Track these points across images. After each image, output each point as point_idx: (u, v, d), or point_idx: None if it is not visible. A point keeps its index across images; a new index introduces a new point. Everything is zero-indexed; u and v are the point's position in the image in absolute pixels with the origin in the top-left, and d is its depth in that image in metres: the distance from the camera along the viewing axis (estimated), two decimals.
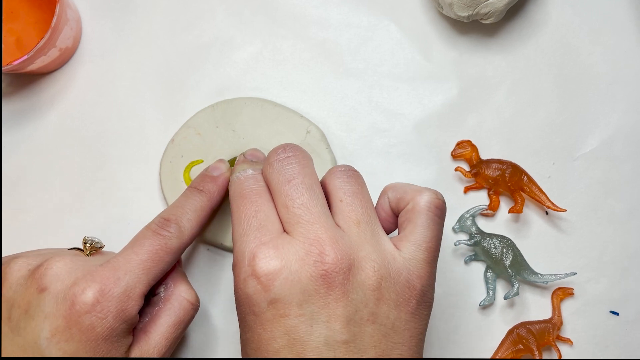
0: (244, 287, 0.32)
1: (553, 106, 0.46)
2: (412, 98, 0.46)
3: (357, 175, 0.35)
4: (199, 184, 0.40)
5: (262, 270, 0.31)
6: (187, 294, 0.38)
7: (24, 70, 0.43)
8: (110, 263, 0.35)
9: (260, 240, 0.32)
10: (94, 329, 0.33)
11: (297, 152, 0.35)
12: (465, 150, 0.45)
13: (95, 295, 0.33)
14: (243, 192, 0.35)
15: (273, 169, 0.34)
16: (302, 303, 0.31)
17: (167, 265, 0.37)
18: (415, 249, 0.33)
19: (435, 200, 0.35)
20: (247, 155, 0.40)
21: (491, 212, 0.45)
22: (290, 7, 0.47)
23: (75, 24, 0.45)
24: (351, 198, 0.34)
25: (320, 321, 0.31)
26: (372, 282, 0.31)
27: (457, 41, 0.47)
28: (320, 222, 0.32)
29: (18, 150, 0.46)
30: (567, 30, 0.47)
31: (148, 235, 0.37)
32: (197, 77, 0.47)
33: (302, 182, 0.33)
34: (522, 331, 0.43)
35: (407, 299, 0.32)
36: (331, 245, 0.31)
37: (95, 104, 0.46)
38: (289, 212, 0.33)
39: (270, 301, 0.31)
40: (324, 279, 0.31)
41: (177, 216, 0.38)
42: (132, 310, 0.35)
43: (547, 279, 0.43)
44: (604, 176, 0.45)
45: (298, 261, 0.31)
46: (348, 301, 0.31)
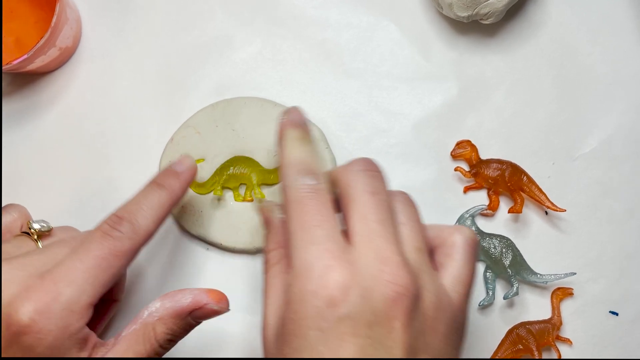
0: (312, 300, 0.30)
1: (552, 106, 0.46)
2: (411, 98, 0.46)
3: (414, 202, 0.35)
4: (160, 178, 0.38)
5: (334, 283, 0.29)
6: None
7: (23, 69, 0.43)
8: (52, 274, 0.32)
9: (331, 253, 0.30)
10: (34, 350, 0.31)
11: (379, 169, 0.34)
12: (464, 150, 0.45)
13: (31, 316, 0.31)
14: (303, 201, 0.32)
15: (359, 176, 0.33)
16: (371, 324, 0.29)
17: (118, 270, 0.34)
18: (456, 283, 0.33)
19: (472, 236, 0.35)
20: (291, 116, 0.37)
21: (491, 212, 0.45)
22: (290, 7, 0.47)
23: (75, 24, 0.46)
24: (413, 223, 0.33)
25: (385, 346, 0.29)
26: (430, 313, 0.31)
27: (457, 41, 0.47)
28: (395, 243, 0.31)
29: (18, 150, 0.46)
30: (567, 30, 0.47)
31: (96, 238, 0.34)
32: (197, 76, 0.47)
33: (386, 200, 0.32)
34: (522, 331, 0.43)
35: (452, 332, 0.32)
36: (404, 267, 0.30)
37: (95, 103, 0.46)
38: (366, 224, 0.31)
39: (340, 318, 0.29)
40: (394, 301, 0.30)
41: (131, 213, 0.35)
42: (77, 325, 0.32)
43: (547, 279, 0.43)
44: (603, 176, 0.45)
45: (371, 278, 0.30)
46: (411, 329, 0.30)
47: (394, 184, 0.45)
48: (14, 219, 0.38)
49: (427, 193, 0.45)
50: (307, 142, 0.36)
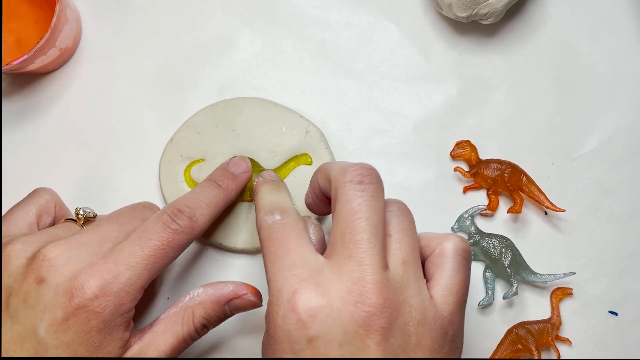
0: (283, 324, 0.31)
1: (552, 106, 0.46)
2: (411, 98, 0.46)
3: (409, 212, 0.35)
4: (218, 178, 0.40)
5: (303, 306, 0.31)
6: None
7: (23, 70, 0.44)
8: (113, 255, 0.35)
9: (299, 277, 0.32)
10: (90, 322, 0.33)
11: (374, 180, 0.33)
12: (464, 150, 0.45)
13: (94, 291, 0.33)
14: (272, 235, 0.34)
15: (343, 192, 0.33)
16: (342, 343, 0.30)
17: (171, 260, 0.36)
18: (446, 294, 0.33)
19: (462, 244, 0.35)
20: (265, 176, 0.40)
21: (490, 212, 0.45)
22: (290, 7, 0.47)
23: (75, 24, 0.46)
24: (401, 234, 0.33)
25: None
26: (410, 328, 0.31)
27: (457, 41, 0.47)
28: (372, 262, 0.31)
29: (18, 150, 0.46)
30: (566, 30, 0.47)
31: (157, 228, 0.36)
32: (197, 76, 0.47)
33: (368, 219, 0.32)
34: (521, 331, 0.43)
35: (440, 345, 0.32)
36: (375, 288, 0.30)
37: (95, 103, 0.47)
38: (343, 243, 0.32)
39: (310, 339, 0.30)
40: (364, 321, 0.30)
41: (192, 208, 0.37)
42: (129, 305, 0.35)
43: (546, 279, 0.44)
44: (603, 176, 0.45)
45: (339, 299, 0.31)
46: (387, 345, 0.30)
47: (394, 183, 0.45)
48: (47, 200, 0.40)
49: (427, 193, 0.45)
50: (276, 191, 0.38)
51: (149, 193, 0.45)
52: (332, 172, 0.34)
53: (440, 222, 0.45)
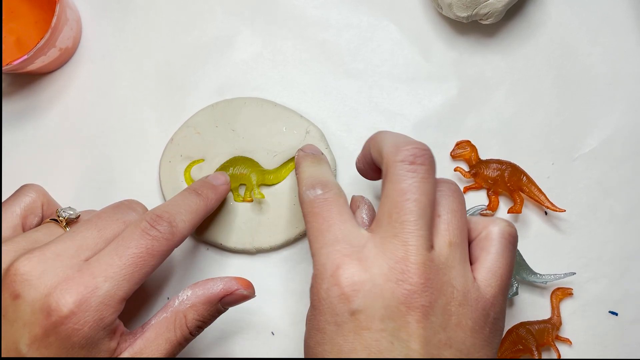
0: (327, 297, 0.32)
1: (552, 106, 0.46)
2: (411, 98, 0.46)
3: (460, 193, 0.35)
4: (198, 188, 0.40)
5: (346, 280, 0.31)
6: None
7: (24, 70, 0.44)
8: (90, 267, 0.33)
9: (342, 253, 0.32)
10: (70, 339, 0.32)
11: (426, 161, 0.33)
12: (464, 150, 0.45)
13: (71, 308, 0.32)
14: (314, 210, 0.35)
15: (394, 171, 0.33)
16: (383, 318, 0.31)
17: (152, 268, 0.35)
18: (490, 277, 0.33)
19: (508, 228, 0.35)
20: (305, 150, 0.41)
21: (490, 212, 0.45)
22: (290, 7, 0.47)
23: (75, 24, 0.46)
24: (450, 216, 0.33)
25: (400, 339, 0.31)
26: (451, 308, 0.32)
27: (457, 41, 0.47)
28: (417, 243, 0.32)
29: (18, 150, 0.46)
30: (566, 30, 0.47)
31: (135, 236, 0.35)
32: (197, 77, 0.47)
33: (417, 200, 0.32)
34: (522, 331, 0.43)
35: (482, 327, 0.32)
36: (417, 267, 0.31)
37: (95, 104, 0.47)
38: (390, 222, 0.32)
39: (352, 312, 0.31)
40: (405, 298, 0.31)
41: (171, 214, 0.36)
42: (110, 318, 0.33)
43: (547, 279, 0.43)
44: (603, 176, 0.45)
45: (381, 276, 0.31)
46: (428, 323, 0.31)
47: None
48: (33, 199, 0.39)
49: None
50: (317, 164, 0.39)
51: (149, 193, 0.45)
52: (384, 148, 0.34)
53: None
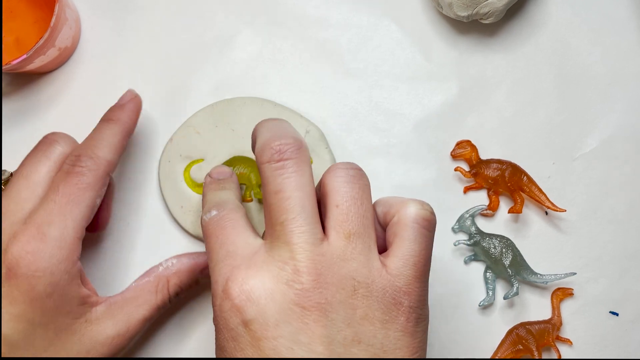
0: (221, 313, 0.31)
1: (553, 106, 0.46)
2: (411, 98, 0.46)
3: (360, 176, 0.33)
4: (107, 115, 0.41)
5: (235, 291, 0.30)
6: None
7: (23, 69, 0.43)
8: (33, 219, 0.35)
9: (232, 265, 0.31)
10: (34, 289, 0.34)
11: (292, 154, 0.32)
12: (464, 150, 0.45)
13: (27, 257, 0.34)
14: (208, 232, 0.34)
15: (263, 174, 0.33)
16: (278, 323, 0.29)
17: (91, 200, 0.37)
18: (402, 265, 0.31)
19: (422, 212, 0.33)
20: (213, 175, 0.40)
21: (491, 212, 0.45)
22: (291, 7, 0.47)
23: (75, 24, 0.45)
24: (348, 204, 0.32)
25: (300, 343, 0.29)
26: (354, 301, 0.30)
27: (457, 41, 0.47)
28: (300, 241, 0.30)
29: (18, 150, 0.46)
30: (567, 30, 0.47)
31: (60, 179, 0.36)
32: (197, 76, 0.47)
33: (290, 197, 0.31)
34: (522, 331, 0.43)
35: (394, 316, 0.31)
36: (305, 265, 0.30)
37: (95, 103, 0.46)
38: (271, 225, 0.32)
39: (246, 323, 0.30)
40: (298, 298, 0.29)
41: (88, 148, 0.38)
42: (69, 260, 0.35)
43: (547, 279, 0.43)
44: (603, 176, 0.45)
45: (272, 279, 0.30)
46: (328, 321, 0.29)
47: (394, 183, 0.45)
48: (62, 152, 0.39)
49: (427, 193, 0.45)
50: (219, 190, 0.38)
51: (148, 193, 0.45)
52: (255, 149, 0.34)
53: (441, 222, 0.44)
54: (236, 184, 0.39)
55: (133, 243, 0.45)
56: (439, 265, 0.44)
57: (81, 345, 0.36)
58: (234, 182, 0.40)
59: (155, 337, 0.44)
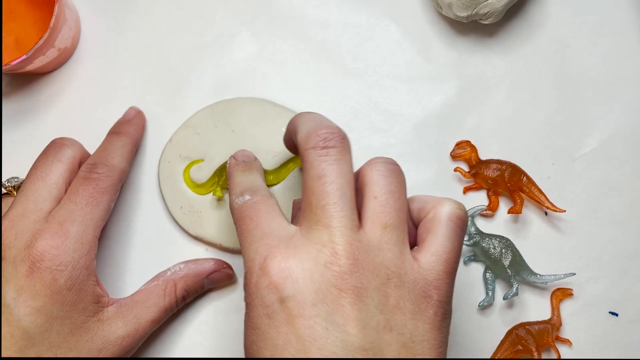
0: (257, 290, 0.31)
1: (552, 106, 0.46)
2: (411, 98, 0.46)
3: (398, 172, 0.34)
4: (115, 128, 0.44)
5: (274, 269, 0.31)
6: None
7: (22, 70, 0.44)
8: (54, 217, 0.37)
9: (269, 245, 0.32)
10: (57, 281, 0.36)
11: (337, 143, 0.33)
12: (464, 150, 0.45)
13: (52, 251, 0.36)
14: (242, 215, 0.35)
15: (307, 159, 0.33)
16: (315, 302, 0.30)
17: (107, 204, 0.39)
18: (434, 260, 0.32)
19: (456, 211, 0.34)
20: (237, 157, 0.40)
21: (490, 213, 0.45)
22: (290, 7, 0.47)
23: (74, 24, 0.45)
24: (386, 197, 0.32)
25: (335, 323, 0.29)
26: (387, 289, 0.31)
27: (457, 41, 0.47)
28: (340, 225, 0.31)
29: (17, 150, 0.46)
30: (567, 30, 0.47)
31: (79, 184, 0.39)
32: (197, 77, 0.47)
33: (333, 182, 0.32)
34: (521, 332, 0.43)
35: (423, 309, 0.31)
36: (343, 248, 0.30)
37: (94, 103, 0.46)
38: (311, 210, 0.32)
39: (283, 299, 0.30)
40: (335, 280, 0.30)
41: (103, 157, 0.40)
42: (88, 257, 0.37)
43: (547, 280, 0.43)
44: (603, 176, 0.45)
45: (310, 260, 0.31)
46: (363, 305, 0.30)
47: None
48: (72, 156, 0.41)
49: (427, 193, 0.45)
50: (247, 172, 0.39)
51: (148, 193, 0.45)
52: (298, 137, 0.34)
53: None
54: (261, 169, 0.40)
55: (133, 243, 0.45)
56: None
57: (93, 344, 0.37)
58: (259, 166, 0.41)
59: (156, 337, 0.44)
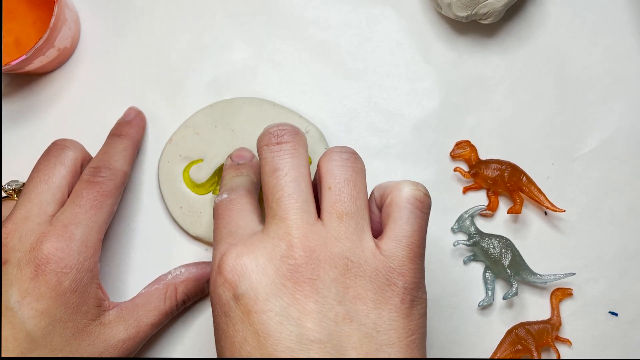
0: (214, 289, 0.31)
1: (552, 106, 0.46)
2: (411, 98, 0.46)
3: (354, 159, 0.34)
4: (116, 130, 0.43)
5: (228, 267, 0.31)
6: None
7: (22, 70, 0.43)
8: (59, 220, 0.37)
9: (229, 243, 0.32)
10: (62, 284, 0.36)
11: (290, 137, 0.34)
12: (464, 150, 0.45)
13: (57, 254, 0.36)
14: (216, 214, 0.36)
15: (262, 157, 0.34)
16: (269, 297, 0.30)
17: (111, 207, 0.39)
18: (395, 245, 0.32)
19: (415, 192, 0.33)
20: (233, 158, 0.41)
21: (490, 213, 0.45)
22: (290, 7, 0.47)
23: (74, 24, 0.45)
24: (340, 186, 0.32)
25: (290, 317, 0.29)
26: (346, 280, 0.30)
27: (456, 41, 0.47)
28: (295, 217, 0.31)
29: (17, 150, 0.46)
30: (566, 30, 0.47)
31: (83, 187, 0.39)
32: (196, 77, 0.47)
33: (287, 174, 0.33)
34: (521, 331, 0.43)
35: (388, 298, 0.30)
36: (299, 241, 0.31)
37: (94, 104, 0.46)
38: (268, 204, 0.33)
39: (236, 297, 0.30)
40: (290, 274, 0.30)
41: (106, 161, 0.40)
42: (92, 259, 0.37)
43: (546, 280, 0.43)
44: (603, 176, 0.45)
45: (265, 255, 0.31)
46: (319, 297, 0.30)
47: None
48: (74, 158, 0.41)
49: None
50: (237, 176, 0.39)
51: (147, 193, 0.45)
52: (258, 138, 0.36)
53: (440, 223, 0.45)
54: (255, 169, 0.41)
55: (132, 243, 0.45)
56: (438, 265, 0.44)
57: (94, 347, 0.37)
58: (253, 166, 0.41)
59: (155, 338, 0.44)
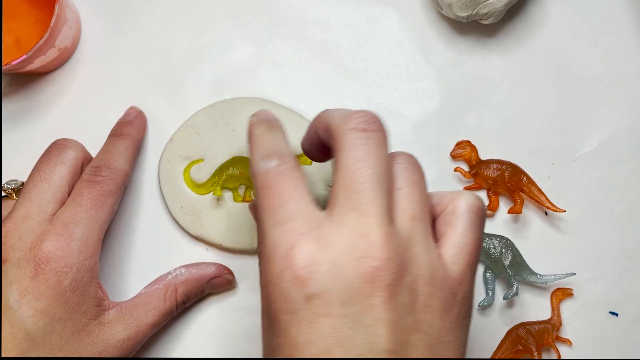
0: (279, 282, 0.28)
1: (552, 106, 0.46)
2: (411, 98, 0.46)
3: (419, 166, 0.32)
4: (117, 130, 0.43)
5: (301, 261, 0.28)
6: None
7: (23, 70, 0.44)
8: (59, 219, 0.37)
9: (297, 231, 0.29)
10: (62, 283, 0.36)
11: (378, 128, 0.31)
12: (464, 150, 0.45)
13: (58, 253, 0.36)
14: (268, 184, 0.31)
15: (346, 140, 0.30)
16: (345, 302, 0.27)
17: (111, 207, 0.39)
18: (457, 253, 0.30)
19: (476, 202, 0.32)
20: (260, 115, 0.36)
21: (490, 213, 0.45)
22: (290, 7, 0.47)
23: (75, 24, 0.46)
24: (411, 188, 0.31)
25: (364, 325, 0.27)
26: (418, 287, 0.29)
27: (457, 41, 0.47)
28: (378, 215, 0.28)
29: (18, 150, 0.46)
30: (567, 30, 0.47)
31: (83, 186, 0.39)
32: (197, 77, 0.47)
33: (374, 167, 0.29)
34: (522, 332, 0.43)
35: (450, 307, 0.29)
36: (382, 242, 0.28)
37: (95, 103, 0.46)
38: (347, 194, 0.29)
39: (308, 297, 0.27)
40: (370, 277, 0.27)
41: (107, 160, 0.40)
42: (92, 259, 0.37)
43: (547, 280, 0.43)
44: (603, 176, 0.45)
45: (343, 254, 0.28)
46: (394, 304, 0.27)
47: None
48: (74, 158, 0.41)
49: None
50: (273, 132, 0.34)
51: (148, 193, 0.45)
52: (333, 121, 0.32)
53: None
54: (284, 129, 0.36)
55: (133, 243, 0.45)
56: None
57: (94, 347, 0.37)
58: (282, 127, 0.36)
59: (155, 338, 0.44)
